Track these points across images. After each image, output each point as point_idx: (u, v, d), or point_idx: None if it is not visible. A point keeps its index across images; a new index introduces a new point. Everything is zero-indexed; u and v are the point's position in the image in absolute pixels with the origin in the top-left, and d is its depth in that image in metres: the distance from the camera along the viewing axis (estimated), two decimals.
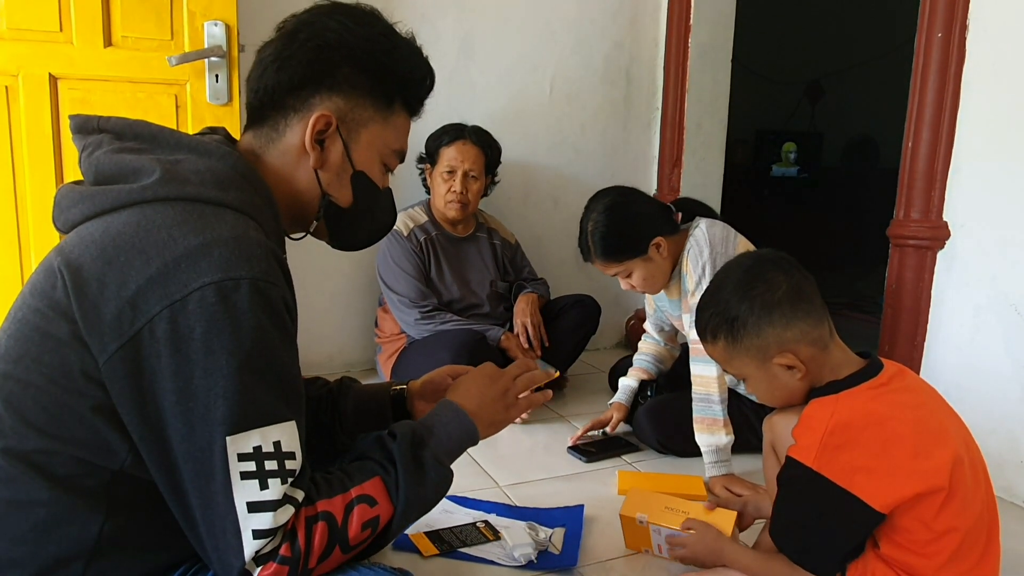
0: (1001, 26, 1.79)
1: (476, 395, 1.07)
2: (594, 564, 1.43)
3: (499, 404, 1.08)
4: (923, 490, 1.02)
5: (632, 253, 1.83)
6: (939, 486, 1.02)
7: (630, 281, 1.89)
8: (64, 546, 0.81)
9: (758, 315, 1.12)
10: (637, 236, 1.83)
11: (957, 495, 1.04)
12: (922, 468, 1.03)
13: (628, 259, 1.84)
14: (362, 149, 1.00)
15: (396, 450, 0.93)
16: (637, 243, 1.83)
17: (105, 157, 0.87)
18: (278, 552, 0.80)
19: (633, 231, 1.83)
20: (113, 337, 0.77)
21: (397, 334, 2.43)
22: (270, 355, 0.80)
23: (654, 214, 1.88)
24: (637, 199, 1.91)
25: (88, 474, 0.81)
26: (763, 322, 1.12)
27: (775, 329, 1.12)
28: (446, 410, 1.04)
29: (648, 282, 1.88)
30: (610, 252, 1.83)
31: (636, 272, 1.86)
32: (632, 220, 1.84)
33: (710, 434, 1.77)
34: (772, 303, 1.12)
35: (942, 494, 1.03)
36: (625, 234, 1.83)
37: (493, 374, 1.11)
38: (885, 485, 1.03)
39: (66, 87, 1.91)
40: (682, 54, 2.94)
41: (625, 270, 1.86)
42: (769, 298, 1.13)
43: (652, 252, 1.84)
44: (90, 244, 0.81)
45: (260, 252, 0.81)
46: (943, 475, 1.03)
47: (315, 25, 0.96)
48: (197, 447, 0.77)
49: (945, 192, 1.93)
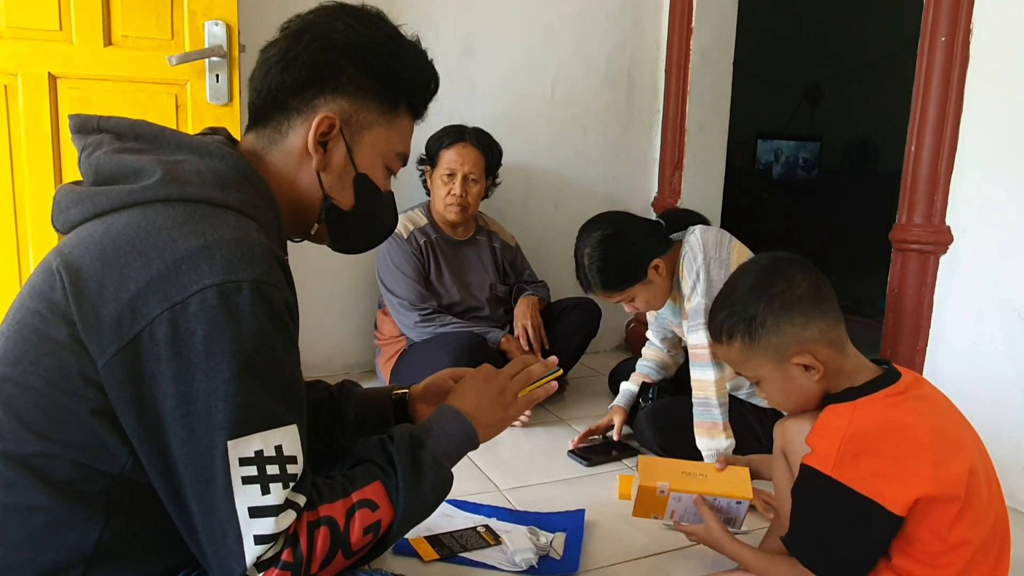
0: (1005, 30, 1.78)
1: (473, 396, 1.06)
2: (595, 569, 1.42)
3: (496, 404, 1.07)
4: (940, 494, 1.01)
5: (632, 281, 1.83)
6: (955, 495, 1.01)
7: (634, 305, 1.89)
8: (63, 552, 0.80)
9: (777, 313, 1.11)
10: (635, 263, 1.83)
11: (972, 507, 1.03)
12: (940, 476, 1.02)
13: (629, 287, 1.84)
14: (365, 152, 0.99)
15: (395, 453, 0.92)
16: (635, 271, 1.83)
17: (105, 157, 0.86)
18: (280, 558, 0.79)
19: (630, 259, 1.83)
20: (112, 339, 0.76)
21: (396, 337, 2.42)
22: (272, 358, 0.79)
23: (646, 237, 1.86)
24: (627, 226, 1.87)
25: (87, 479, 0.80)
26: (782, 320, 1.11)
27: (795, 328, 1.11)
28: (443, 413, 1.03)
29: (651, 303, 1.89)
30: (610, 284, 1.84)
31: (639, 296, 1.86)
32: (627, 249, 1.83)
33: (711, 438, 1.76)
34: (792, 301, 1.11)
35: (957, 504, 1.02)
36: (623, 265, 1.83)
37: (489, 374, 1.10)
38: (903, 488, 1.01)
39: (66, 86, 1.90)
40: (684, 56, 2.94)
41: (627, 296, 1.87)
42: (789, 296, 1.11)
43: (651, 275, 1.84)
44: (89, 245, 0.80)
45: (262, 254, 0.80)
46: (960, 485, 1.02)
47: (321, 26, 0.95)
48: (198, 451, 0.76)
49: (948, 197, 1.92)
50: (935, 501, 1.02)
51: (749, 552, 1.24)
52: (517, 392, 1.10)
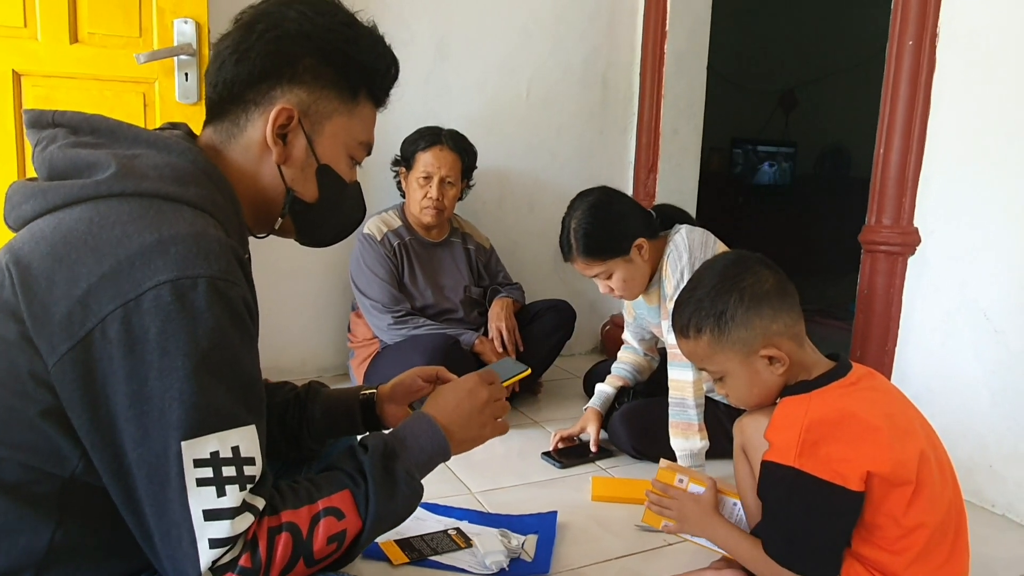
0: (971, 34, 1.81)
1: (452, 409, 1.05)
2: (567, 571, 1.41)
3: (474, 421, 1.06)
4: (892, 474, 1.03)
5: (614, 252, 1.82)
6: (907, 479, 1.04)
7: (609, 284, 1.87)
8: (12, 556, 0.78)
9: (748, 306, 1.12)
10: (620, 235, 1.82)
11: (925, 490, 1.06)
12: (895, 456, 1.05)
13: (609, 258, 1.82)
14: (327, 142, 0.97)
15: (367, 463, 0.90)
16: (619, 242, 1.82)
17: (59, 152, 0.84)
18: (237, 563, 0.77)
19: (616, 230, 1.82)
20: (63, 338, 0.74)
21: (370, 339, 2.40)
22: (229, 356, 0.77)
23: (636, 216, 1.88)
24: (620, 200, 1.90)
25: (38, 481, 0.78)
26: (752, 313, 1.12)
27: (763, 321, 1.12)
28: (418, 422, 1.01)
29: (628, 285, 1.86)
30: (592, 251, 1.82)
31: (617, 273, 1.84)
32: (615, 219, 1.83)
33: (685, 438, 1.77)
34: (761, 295, 1.13)
35: (910, 487, 1.04)
36: (608, 233, 1.82)
37: (473, 389, 1.08)
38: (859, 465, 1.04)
39: (30, 84, 1.86)
40: (658, 60, 2.95)
41: (606, 271, 1.84)
42: (758, 290, 1.13)
43: (634, 254, 1.83)
44: (40, 241, 0.78)
45: (219, 250, 0.78)
46: (911, 468, 1.05)
47: (273, 15, 0.93)
48: (151, 453, 0.74)
49: (916, 198, 1.95)
50: (889, 484, 1.04)
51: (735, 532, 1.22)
52: (497, 415, 1.10)
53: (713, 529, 1.25)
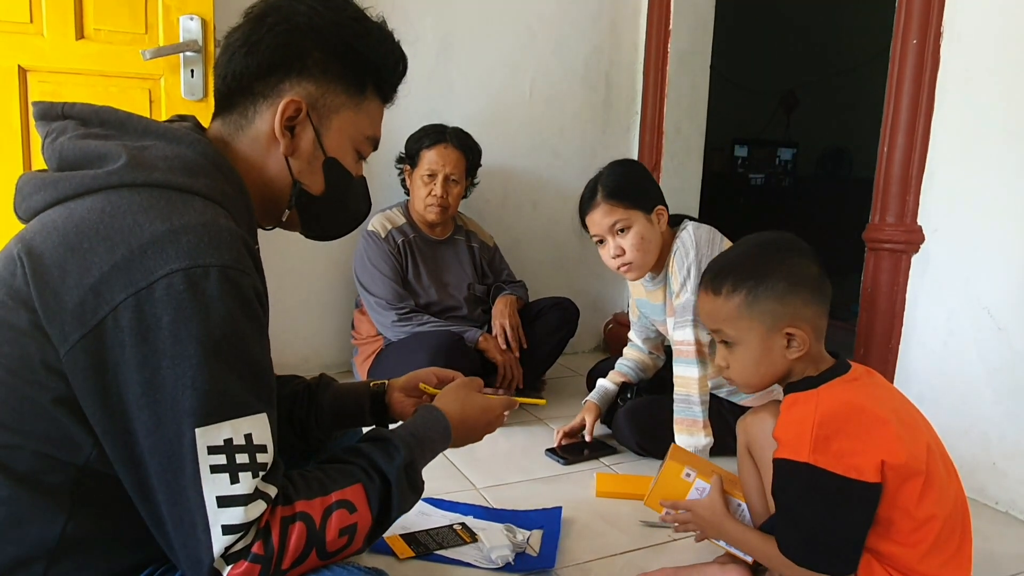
0: (975, 33, 1.82)
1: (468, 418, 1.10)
2: (572, 566, 1.41)
3: (476, 432, 1.13)
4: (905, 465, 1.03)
5: (638, 204, 1.82)
6: (918, 469, 1.04)
7: (623, 242, 1.82)
8: (24, 546, 0.78)
9: (790, 282, 1.12)
10: (646, 193, 1.86)
11: (934, 482, 1.06)
12: (905, 447, 1.05)
13: (632, 208, 1.81)
14: (334, 136, 0.98)
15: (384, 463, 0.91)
16: (645, 196, 1.85)
17: (69, 143, 0.84)
18: (250, 550, 0.77)
19: (644, 185, 1.89)
20: (75, 326, 0.74)
21: (374, 336, 2.40)
22: (241, 345, 0.78)
23: (660, 192, 1.93)
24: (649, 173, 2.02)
25: (51, 470, 0.78)
26: (790, 292, 1.11)
27: (797, 302, 1.11)
28: (437, 426, 1.04)
29: (639, 249, 1.82)
30: (618, 194, 1.81)
31: (635, 227, 1.81)
32: (645, 179, 1.92)
33: (689, 435, 1.77)
34: (805, 277, 1.13)
35: (921, 478, 1.04)
36: (637, 184, 1.87)
37: (487, 407, 1.13)
38: (872, 456, 1.03)
39: (36, 80, 1.86)
40: (661, 59, 2.96)
41: (627, 220, 1.81)
42: (804, 272, 1.13)
43: (654, 218, 1.84)
44: (52, 231, 0.78)
45: (230, 239, 0.79)
46: (922, 459, 1.05)
47: (284, 9, 0.93)
48: (165, 440, 0.74)
49: (919, 197, 1.95)
50: (903, 476, 1.04)
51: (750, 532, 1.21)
52: (495, 428, 1.16)
53: (727, 532, 1.25)
